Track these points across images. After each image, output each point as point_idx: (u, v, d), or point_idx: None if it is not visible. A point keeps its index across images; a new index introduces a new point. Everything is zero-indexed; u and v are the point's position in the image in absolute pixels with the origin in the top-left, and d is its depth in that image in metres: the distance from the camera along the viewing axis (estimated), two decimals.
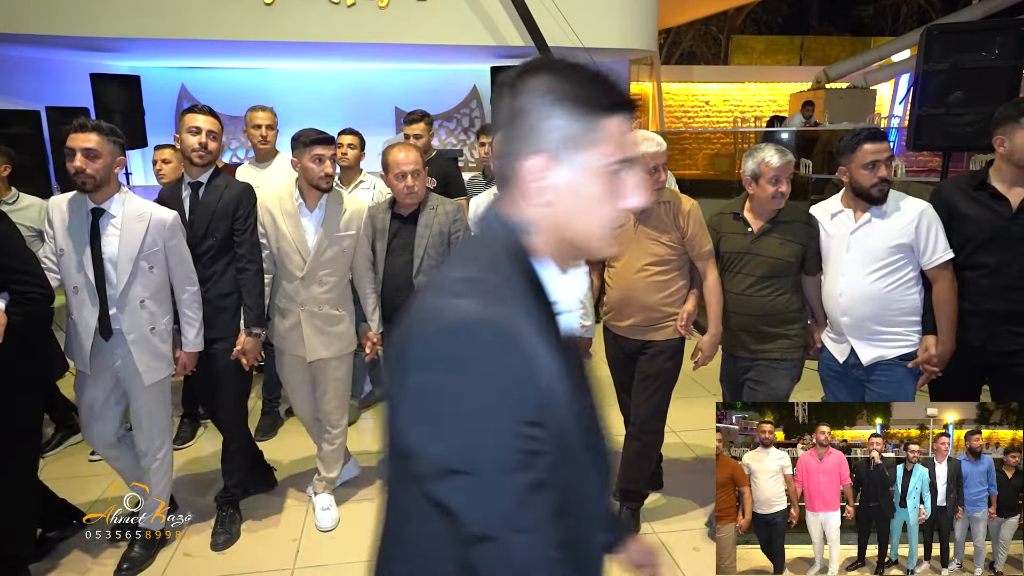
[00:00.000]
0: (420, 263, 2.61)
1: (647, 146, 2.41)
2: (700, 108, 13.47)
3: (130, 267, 2.25)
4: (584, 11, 6.83)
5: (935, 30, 3.56)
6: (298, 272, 2.55)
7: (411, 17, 6.59)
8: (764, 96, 13.64)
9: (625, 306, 2.55)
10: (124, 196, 2.29)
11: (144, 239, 2.27)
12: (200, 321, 2.46)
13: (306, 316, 2.58)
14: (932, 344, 2.26)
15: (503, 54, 7.32)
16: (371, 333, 2.71)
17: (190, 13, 6.21)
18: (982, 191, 2.25)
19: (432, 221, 2.64)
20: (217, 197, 2.50)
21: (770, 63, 15.66)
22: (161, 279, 2.36)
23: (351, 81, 8.64)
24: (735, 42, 16.86)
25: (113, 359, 2.32)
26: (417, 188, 2.61)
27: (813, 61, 15.22)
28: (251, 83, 8.53)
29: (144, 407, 2.40)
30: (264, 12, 6.33)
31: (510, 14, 6.61)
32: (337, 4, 6.45)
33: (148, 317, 2.32)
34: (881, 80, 12.45)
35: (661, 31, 11.81)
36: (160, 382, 2.40)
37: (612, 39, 7.15)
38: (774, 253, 2.39)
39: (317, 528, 2.69)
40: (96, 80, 6.65)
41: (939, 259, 2.22)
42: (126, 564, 2.40)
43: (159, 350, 2.38)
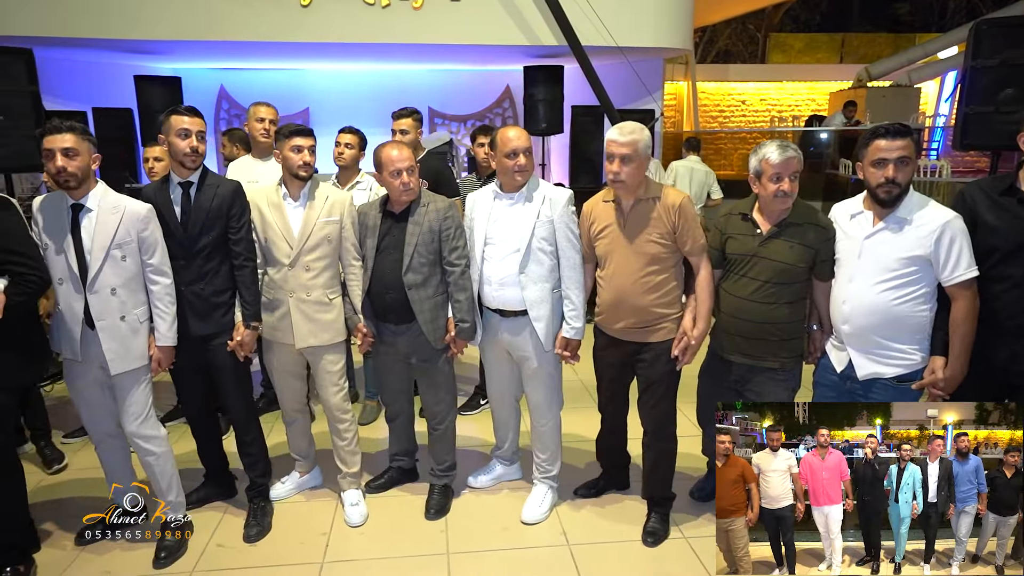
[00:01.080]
0: (410, 261, 2.60)
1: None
2: (736, 108, 13.24)
3: (103, 255, 2.32)
4: (618, 10, 6.77)
5: (985, 25, 3.44)
6: (285, 259, 2.61)
7: (445, 17, 6.63)
8: (803, 95, 13.35)
9: (617, 308, 2.51)
10: (101, 190, 2.38)
11: (117, 229, 2.34)
12: (172, 315, 2.48)
13: (295, 303, 2.62)
14: (940, 367, 2.10)
15: (536, 54, 7.31)
16: (360, 324, 2.73)
17: (230, 15, 6.34)
18: (1009, 197, 2.08)
19: (423, 219, 2.64)
20: (211, 196, 2.54)
21: (809, 61, 15.31)
22: (134, 270, 2.41)
23: (384, 81, 8.72)
24: (773, 40, 16.54)
25: (96, 348, 2.38)
26: (412, 184, 2.62)
27: (854, 59, 14.85)
28: (287, 83, 8.68)
29: (121, 398, 2.44)
30: (301, 14, 6.43)
31: (544, 14, 6.59)
32: (372, 5, 6.51)
33: (118, 305, 2.37)
34: (926, 78, 12.07)
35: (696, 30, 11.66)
36: (132, 373, 2.43)
37: (646, 38, 7.07)
38: (783, 257, 2.28)
39: (346, 524, 2.72)
40: (140, 82, 6.85)
41: (960, 276, 2.05)
42: (163, 553, 2.48)
43: (129, 340, 2.40)
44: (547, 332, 2.61)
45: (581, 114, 7.38)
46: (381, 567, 2.47)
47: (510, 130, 2.55)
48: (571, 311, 2.60)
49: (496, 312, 2.67)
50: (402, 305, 2.62)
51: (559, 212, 2.55)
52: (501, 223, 2.60)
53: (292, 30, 6.47)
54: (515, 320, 2.63)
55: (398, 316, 2.66)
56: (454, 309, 2.69)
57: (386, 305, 2.66)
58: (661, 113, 8.30)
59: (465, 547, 2.58)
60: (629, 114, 7.50)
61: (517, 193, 2.59)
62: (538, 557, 2.52)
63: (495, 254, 2.61)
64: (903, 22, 17.88)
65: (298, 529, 2.71)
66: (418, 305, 2.62)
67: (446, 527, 2.71)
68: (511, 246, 2.57)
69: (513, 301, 2.60)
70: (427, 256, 2.62)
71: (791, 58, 15.65)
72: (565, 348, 2.63)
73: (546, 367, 2.70)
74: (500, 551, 2.56)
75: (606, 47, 6.72)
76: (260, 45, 6.67)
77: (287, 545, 2.60)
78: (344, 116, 8.43)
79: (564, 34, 6.34)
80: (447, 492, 2.90)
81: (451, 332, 2.68)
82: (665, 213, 2.40)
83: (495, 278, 2.61)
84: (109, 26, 6.18)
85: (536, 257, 2.55)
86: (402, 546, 2.59)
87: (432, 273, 2.65)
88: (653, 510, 2.70)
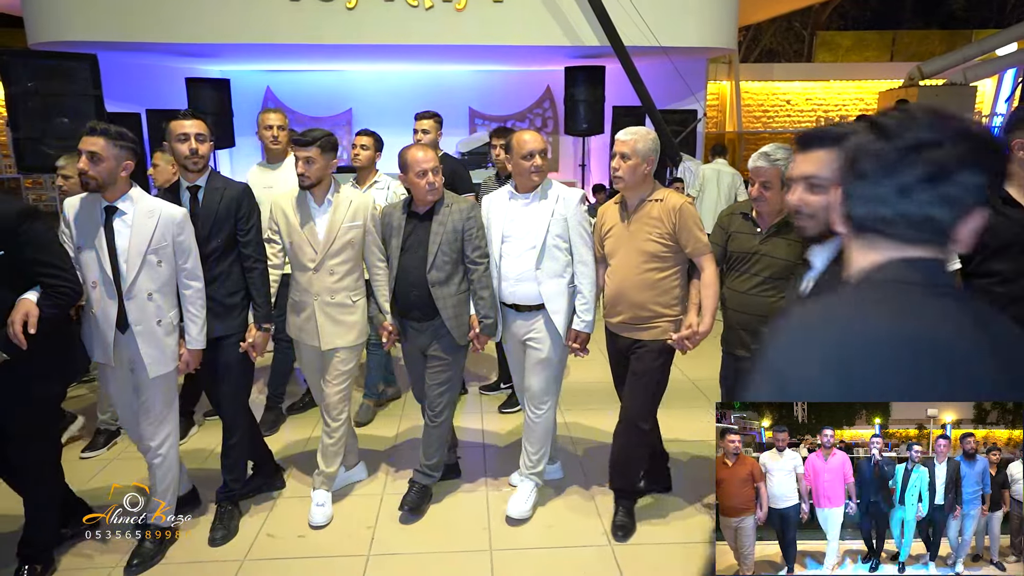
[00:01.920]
0: (434, 259, 2.66)
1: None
2: (781, 107, 12.97)
3: (139, 261, 2.34)
4: (662, 10, 6.70)
5: None
6: (310, 263, 2.66)
7: (487, 18, 6.66)
8: (851, 95, 12.99)
9: (617, 302, 2.62)
10: (136, 194, 2.38)
11: (153, 234, 2.35)
12: (203, 319, 2.50)
13: (319, 306, 2.68)
14: None
15: (578, 54, 7.29)
16: (386, 323, 2.78)
17: (278, 18, 6.49)
18: (995, 197, 2.17)
19: (447, 219, 2.69)
20: (218, 199, 2.56)
21: (857, 60, 14.91)
22: (169, 274, 2.42)
23: (426, 82, 8.81)
24: (820, 38, 16.14)
25: (128, 351, 2.41)
26: (438, 184, 2.67)
27: (905, 57, 14.39)
28: (331, 85, 8.85)
29: (148, 400, 2.44)
30: (346, 16, 6.54)
31: (586, 14, 6.57)
32: (415, 7, 6.59)
33: (155, 310, 2.39)
34: (983, 76, 11.61)
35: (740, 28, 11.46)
36: (164, 376, 2.45)
37: (690, 38, 6.98)
38: (782, 254, 2.37)
39: (309, 524, 2.71)
40: (191, 84, 7.08)
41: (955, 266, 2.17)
42: (136, 560, 2.44)
43: (164, 343, 2.43)
44: (564, 324, 2.72)
45: (622, 115, 7.33)
46: (425, 561, 2.50)
47: (526, 133, 2.67)
48: (582, 304, 2.70)
49: (511, 307, 2.78)
50: (426, 302, 2.69)
51: (572, 210, 2.67)
52: (518, 222, 2.71)
53: (337, 32, 6.59)
54: (531, 314, 2.74)
55: (422, 313, 2.72)
56: (477, 306, 2.76)
57: (410, 302, 2.72)
58: (704, 113, 8.19)
59: (508, 544, 2.60)
60: (671, 114, 7.44)
61: (532, 193, 2.70)
62: (581, 556, 2.52)
63: (512, 251, 2.71)
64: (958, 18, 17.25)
65: (344, 522, 2.76)
66: (442, 302, 2.68)
67: (488, 524, 2.73)
68: (528, 243, 2.68)
69: (529, 296, 2.71)
70: (450, 255, 2.68)
71: (839, 57, 15.25)
72: (575, 340, 2.73)
73: (554, 358, 2.77)
74: (543, 549, 2.57)
75: (649, 47, 6.66)
76: (306, 47, 6.81)
77: (333, 537, 2.66)
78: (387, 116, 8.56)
79: (607, 35, 6.31)
80: (425, 493, 2.86)
81: (475, 329, 2.75)
82: (666, 215, 2.51)
83: (512, 274, 2.71)
84: (164, 30, 6.39)
85: (551, 253, 2.67)
86: (446, 541, 2.62)
87: (455, 271, 2.71)
88: (620, 503, 2.72)
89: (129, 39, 6.37)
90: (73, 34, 6.23)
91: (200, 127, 2.55)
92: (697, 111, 7.72)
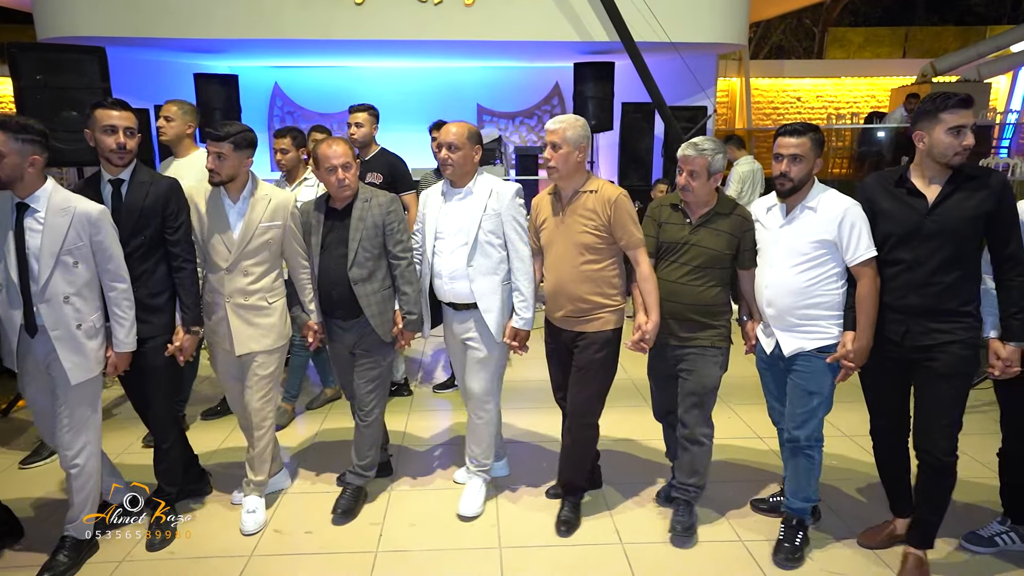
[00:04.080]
0: (354, 257, 2.59)
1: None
2: (791, 104, 12.87)
3: (52, 262, 2.19)
4: (672, 5, 6.65)
5: None
6: (223, 263, 2.54)
7: (496, 14, 6.63)
8: (862, 91, 12.88)
9: (557, 297, 2.57)
10: (49, 189, 2.22)
11: (67, 233, 2.20)
12: (131, 320, 2.38)
13: (232, 308, 2.56)
14: (850, 340, 2.30)
15: (587, 50, 7.24)
16: (311, 322, 2.71)
17: (286, 14, 6.48)
18: (900, 188, 2.25)
19: (366, 214, 2.62)
20: (143, 194, 2.42)
21: (869, 56, 14.79)
22: (88, 276, 2.28)
23: (435, 78, 8.79)
24: (831, 35, 16.03)
25: (42, 356, 2.27)
26: (348, 180, 2.58)
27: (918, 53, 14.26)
28: (338, 81, 8.84)
29: (67, 407, 2.30)
30: (355, 11, 6.52)
31: (596, 9, 6.53)
32: (424, 2, 6.56)
33: (73, 313, 2.25)
34: (997, 73, 11.47)
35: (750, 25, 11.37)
36: (88, 382, 2.32)
37: (700, 33, 6.93)
38: (710, 244, 2.44)
39: (241, 531, 2.63)
40: (199, 80, 7.08)
41: (861, 257, 2.25)
42: (47, 573, 2.31)
43: (86, 348, 2.28)
44: (497, 323, 2.64)
45: (631, 111, 7.28)
46: (433, 558, 2.47)
47: (451, 125, 2.60)
48: (520, 302, 2.64)
49: (449, 305, 2.72)
50: (348, 301, 2.61)
51: (506, 205, 2.59)
52: (450, 217, 2.64)
53: (346, 27, 6.57)
54: (467, 312, 2.68)
55: (345, 312, 2.65)
56: (401, 302, 2.70)
57: (333, 301, 2.65)
58: (714, 110, 8.13)
59: (517, 542, 2.56)
60: (681, 111, 7.38)
61: (464, 188, 2.63)
62: (591, 554, 2.49)
63: (445, 248, 2.64)
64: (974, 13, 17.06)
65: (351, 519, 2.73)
66: (365, 300, 2.61)
67: (497, 521, 2.70)
68: (459, 240, 2.61)
69: (464, 294, 2.64)
70: (372, 251, 2.62)
71: (850, 53, 15.14)
72: (514, 338, 2.67)
73: (492, 358, 2.70)
74: (552, 547, 2.53)
75: (659, 43, 6.61)
76: (314, 43, 6.80)
77: (341, 534, 2.63)
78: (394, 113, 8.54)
79: (616, 30, 6.26)
80: (359, 494, 2.79)
81: (399, 325, 2.70)
82: (601, 206, 2.46)
83: (446, 271, 2.64)
84: (173, 26, 6.39)
85: (484, 250, 2.60)
86: (454, 538, 2.59)
87: (377, 267, 2.64)
88: (566, 499, 2.69)
89: (138, 34, 6.37)
90: (82, 29, 6.24)
91: (130, 120, 2.40)
92: (707, 107, 7.66)
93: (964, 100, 2.09)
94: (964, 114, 2.10)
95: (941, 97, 2.12)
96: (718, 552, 2.50)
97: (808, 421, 2.38)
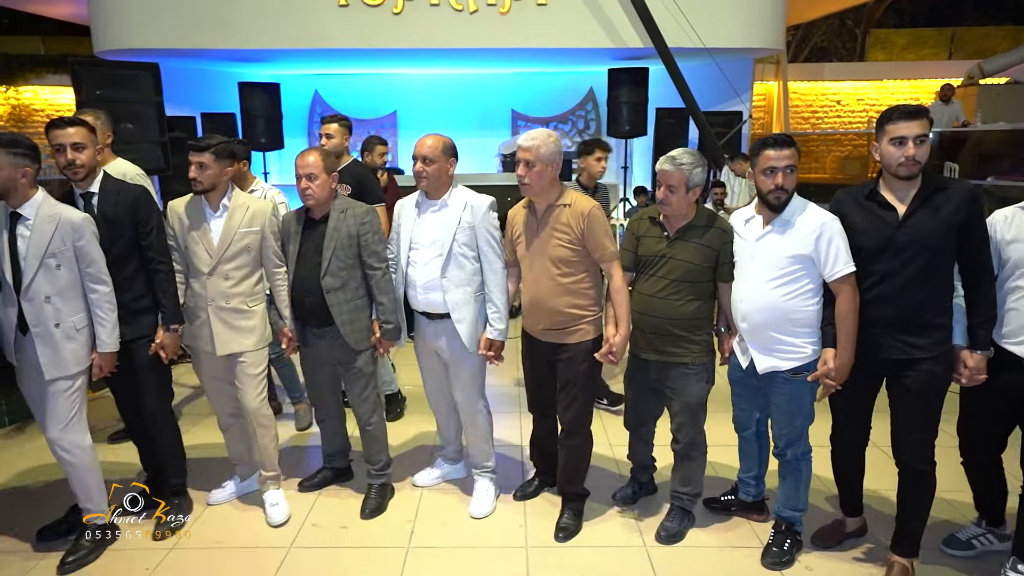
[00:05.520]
0: (327, 265, 2.66)
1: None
2: (831, 108, 12.64)
3: (36, 264, 2.33)
4: (707, 10, 6.64)
5: None
6: (204, 268, 2.64)
7: (531, 21, 6.71)
8: (905, 94, 12.57)
9: (535, 310, 2.61)
10: (39, 198, 2.37)
11: (52, 238, 2.34)
12: (113, 322, 2.47)
13: (214, 311, 2.65)
14: (831, 357, 2.28)
15: (621, 56, 7.27)
16: (286, 328, 2.79)
17: (326, 24, 6.68)
18: (871, 201, 2.26)
19: (341, 224, 2.69)
20: (112, 204, 2.53)
21: (913, 58, 14.41)
22: (70, 278, 2.40)
23: (469, 85, 8.91)
24: (873, 36, 15.67)
25: (32, 354, 2.39)
26: (312, 191, 2.64)
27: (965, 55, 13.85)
28: (376, 87, 9.03)
29: (50, 403, 2.41)
30: (393, 21, 6.68)
31: (630, 16, 6.56)
32: (460, 11, 6.69)
33: (52, 313, 2.36)
34: None
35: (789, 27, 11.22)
36: (63, 380, 2.41)
37: (736, 39, 6.90)
38: (688, 257, 2.44)
39: (268, 523, 2.75)
40: (243, 88, 7.34)
41: (839, 272, 2.23)
42: (70, 558, 2.46)
43: (62, 346, 2.39)
44: (470, 334, 2.68)
45: (665, 116, 7.29)
46: (463, 556, 2.56)
47: (426, 138, 2.62)
48: (494, 313, 2.68)
49: (423, 315, 2.77)
50: (321, 309, 2.68)
51: (480, 217, 2.63)
52: (424, 228, 2.69)
53: (384, 36, 6.74)
54: (440, 322, 2.72)
55: (318, 320, 2.72)
56: (378, 311, 2.76)
57: (306, 309, 2.73)
58: (749, 115, 8.07)
59: (542, 542, 2.63)
60: (716, 116, 7.35)
61: (439, 200, 2.67)
62: (615, 555, 2.54)
63: (419, 258, 2.69)
64: None
65: (385, 515, 2.84)
66: (336, 308, 2.67)
67: (525, 522, 2.77)
68: (433, 251, 2.65)
69: (438, 304, 2.69)
70: (345, 260, 2.68)
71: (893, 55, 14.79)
72: (489, 349, 2.70)
73: (469, 368, 2.76)
74: (578, 548, 2.60)
75: (693, 48, 6.61)
76: (353, 51, 6.98)
77: (375, 529, 2.74)
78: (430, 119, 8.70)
79: (651, 37, 6.28)
80: (384, 491, 2.92)
81: (376, 334, 2.76)
82: (575, 220, 2.49)
83: (419, 282, 2.69)
84: (221, 37, 6.65)
85: (457, 262, 2.64)
86: (483, 537, 2.67)
87: (351, 277, 2.70)
88: (566, 506, 2.75)
89: (187, 46, 6.65)
90: (136, 42, 6.54)
91: (76, 135, 2.43)
92: (742, 113, 7.61)
93: (909, 112, 2.13)
94: (907, 125, 2.12)
95: (889, 109, 2.17)
96: (737, 557, 2.53)
97: (795, 440, 2.45)
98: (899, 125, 2.13)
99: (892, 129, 2.14)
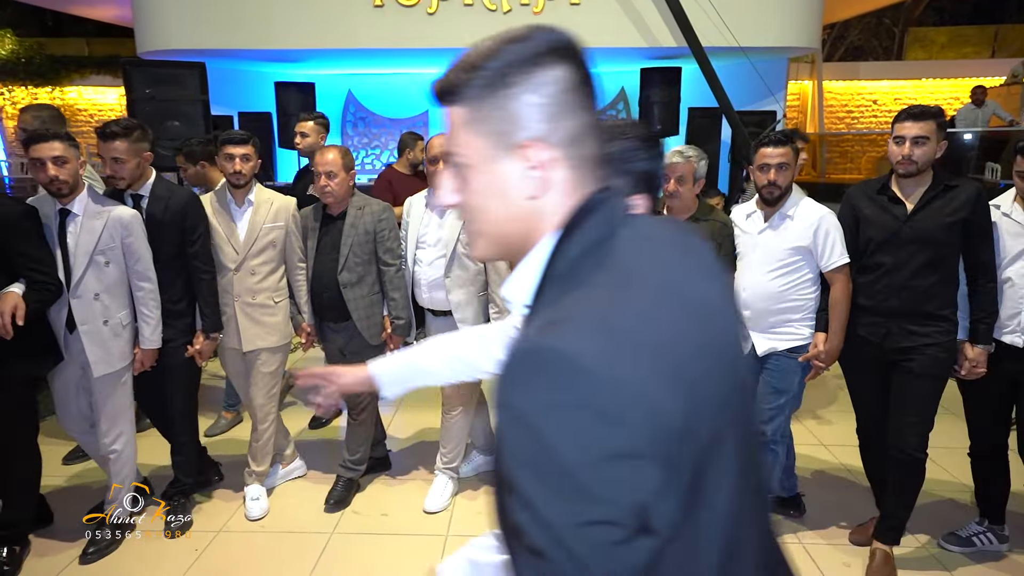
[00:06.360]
0: (345, 261, 2.71)
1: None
2: (866, 108, 12.41)
3: (86, 261, 2.35)
4: (741, 8, 6.59)
5: None
6: (231, 264, 2.70)
7: (565, 21, 6.64)
8: (945, 94, 12.28)
9: None
10: (86, 197, 2.39)
11: (100, 235, 2.36)
12: (157, 319, 2.52)
13: (240, 307, 2.71)
14: (821, 341, 2.43)
15: (653, 55, 7.25)
16: (304, 324, 2.84)
17: (361, 24, 6.78)
18: (882, 195, 2.37)
19: (358, 221, 2.73)
20: (162, 208, 2.56)
21: (954, 56, 14.06)
22: (117, 275, 2.43)
23: None
24: (912, 35, 15.33)
25: (76, 353, 2.42)
26: (331, 188, 2.69)
27: (1009, 53, 13.47)
28: (409, 87, 9.12)
29: (98, 399, 2.47)
30: (427, 22, 6.76)
31: (663, 14, 6.54)
32: (494, 11, 6.74)
33: (101, 310, 2.40)
34: None
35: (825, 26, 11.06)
36: (111, 376, 2.45)
37: (771, 38, 6.83)
38: None
39: (246, 517, 2.78)
40: (279, 88, 7.49)
41: (835, 263, 2.39)
42: (92, 548, 2.49)
43: (110, 343, 2.43)
44: None
45: (698, 116, 7.25)
46: None
47: (435, 138, 2.65)
48: (495, 313, 2.71)
49: (429, 311, 2.83)
50: (338, 304, 2.74)
51: None
52: (431, 228, 2.73)
53: (418, 36, 6.81)
54: (444, 319, 2.76)
55: (335, 314, 2.78)
56: (389, 307, 2.81)
57: (324, 304, 2.79)
58: (783, 114, 7.98)
59: None
60: (749, 116, 7.28)
61: None
62: None
63: (425, 257, 2.75)
64: None
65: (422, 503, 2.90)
66: (352, 304, 2.73)
67: None
68: (438, 251, 2.71)
69: (441, 302, 2.74)
70: (362, 256, 2.73)
71: (933, 54, 14.43)
72: None
73: None
74: None
75: (727, 48, 6.56)
76: (387, 51, 7.07)
77: (414, 517, 2.82)
78: None
79: (684, 36, 6.25)
80: (351, 486, 2.94)
81: (387, 329, 2.80)
82: None
83: (424, 280, 2.75)
84: (259, 38, 6.80)
85: (461, 262, 2.68)
86: None
87: (367, 273, 2.75)
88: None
89: (227, 46, 6.81)
90: (178, 43, 6.72)
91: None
92: (776, 112, 7.53)
93: (914, 113, 2.23)
94: (908, 125, 2.24)
95: (902, 109, 2.28)
96: None
97: (775, 418, 2.48)
98: (902, 125, 2.25)
99: (897, 128, 2.27)
